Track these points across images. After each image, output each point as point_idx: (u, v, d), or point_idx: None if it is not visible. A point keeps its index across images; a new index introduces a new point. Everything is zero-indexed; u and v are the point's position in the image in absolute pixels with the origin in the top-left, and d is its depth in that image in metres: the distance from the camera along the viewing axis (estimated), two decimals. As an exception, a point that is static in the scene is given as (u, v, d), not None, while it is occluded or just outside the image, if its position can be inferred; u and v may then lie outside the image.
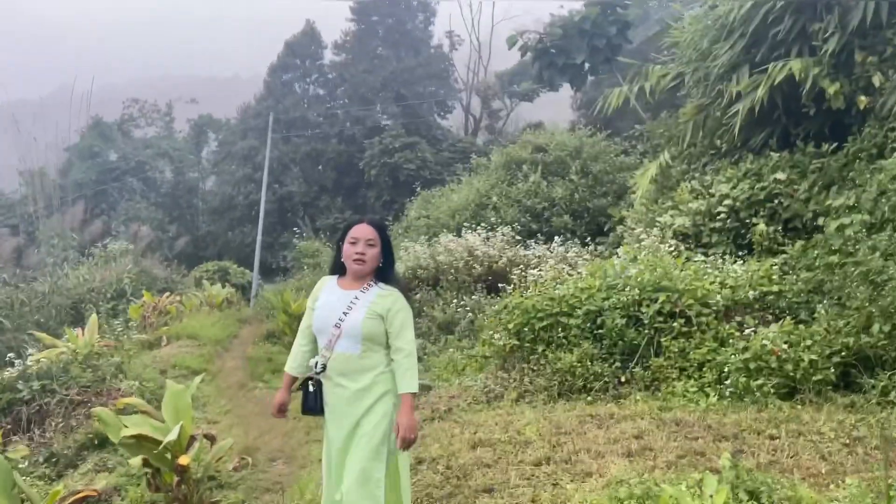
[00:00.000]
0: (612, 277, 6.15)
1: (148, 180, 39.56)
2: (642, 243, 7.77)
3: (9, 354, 8.93)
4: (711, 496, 2.94)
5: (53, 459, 6.43)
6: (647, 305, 5.66)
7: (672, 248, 7.03)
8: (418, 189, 21.31)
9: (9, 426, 7.28)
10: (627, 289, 5.86)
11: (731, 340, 5.35)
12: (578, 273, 7.98)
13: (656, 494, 3.05)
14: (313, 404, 3.20)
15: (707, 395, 4.97)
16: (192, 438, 5.02)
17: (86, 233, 21.27)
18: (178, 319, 12.43)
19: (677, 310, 5.59)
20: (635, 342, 5.58)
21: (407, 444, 3.02)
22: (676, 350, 5.37)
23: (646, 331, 5.57)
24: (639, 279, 5.88)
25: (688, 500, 2.87)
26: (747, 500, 3.05)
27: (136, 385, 7.89)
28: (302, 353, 3.34)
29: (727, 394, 4.94)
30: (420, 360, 9.26)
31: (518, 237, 12.26)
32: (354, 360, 3.08)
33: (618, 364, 5.49)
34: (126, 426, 4.77)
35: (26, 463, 6.13)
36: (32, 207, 34.33)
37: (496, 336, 6.12)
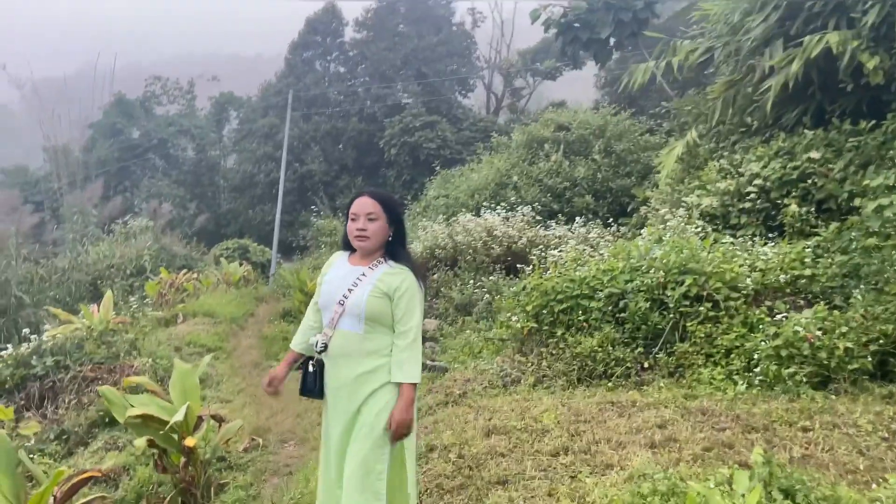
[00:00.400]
0: (635, 259, 5.89)
1: (170, 157, 39.73)
2: (667, 224, 7.49)
3: (24, 330, 8.88)
4: (743, 495, 2.72)
5: (64, 437, 6.37)
6: (673, 288, 5.40)
7: (699, 229, 6.73)
8: (438, 168, 21.05)
9: (22, 402, 7.25)
10: (652, 271, 5.60)
11: (760, 326, 5.09)
12: (600, 254, 7.74)
13: (682, 491, 2.84)
14: (312, 386, 3.01)
15: (735, 384, 4.73)
16: (200, 419, 4.90)
17: (106, 209, 21.35)
18: (195, 297, 12.36)
19: (704, 293, 5.33)
20: (659, 327, 5.34)
21: (397, 439, 2.82)
22: (703, 335, 5.12)
23: (670, 315, 5.33)
24: (664, 261, 5.62)
25: (717, 500, 2.66)
26: (782, 500, 2.82)
27: (148, 362, 7.81)
28: (308, 329, 3.16)
29: (756, 382, 4.69)
30: (436, 341, 9.13)
31: (538, 217, 12.01)
32: (357, 340, 2.87)
33: (641, 349, 5.25)
34: (132, 405, 4.66)
35: (32, 441, 6.05)
36: (57, 184, 34.60)
37: (514, 318, 5.90)
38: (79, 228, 18.83)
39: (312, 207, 27.29)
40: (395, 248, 2.95)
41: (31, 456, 5.62)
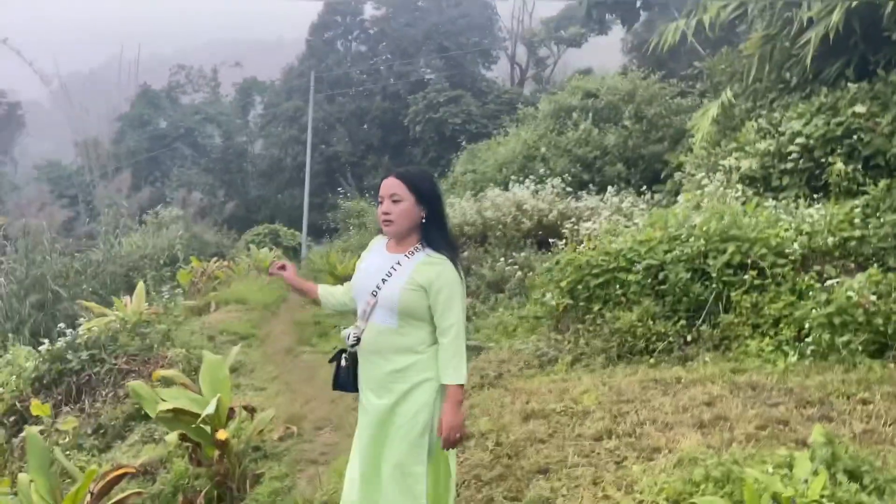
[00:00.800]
0: (673, 228, 5.63)
1: (198, 146, 39.99)
2: (705, 189, 7.18)
3: (60, 324, 8.95)
4: (806, 481, 2.51)
5: (101, 431, 6.39)
6: (715, 257, 5.15)
7: (739, 194, 6.42)
8: (464, 143, 20.76)
9: (60, 397, 7.30)
10: (692, 239, 5.34)
11: (810, 293, 4.81)
12: (635, 224, 7.47)
13: (738, 477, 2.64)
14: (345, 381, 2.83)
15: (785, 355, 4.49)
16: (232, 410, 4.82)
17: (138, 200, 21.55)
18: (227, 284, 12.38)
19: (749, 261, 5.07)
20: (702, 298, 5.09)
21: (450, 444, 2.62)
22: (749, 305, 4.87)
23: (713, 285, 5.08)
24: (704, 229, 5.35)
25: (778, 486, 2.45)
26: (847, 483, 2.60)
27: (182, 352, 7.80)
28: (339, 291, 3.01)
29: (808, 352, 4.44)
30: (469, 320, 8.96)
31: (569, 189, 11.71)
32: (390, 335, 2.65)
33: (683, 322, 5.02)
34: (163, 399, 4.60)
35: (67, 438, 6.06)
36: (89, 177, 35.18)
37: (548, 295, 5.70)
38: (111, 221, 19.02)
39: (339, 189, 27.24)
40: (431, 233, 2.67)
41: (68, 452, 5.63)
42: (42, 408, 6.33)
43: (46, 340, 8.55)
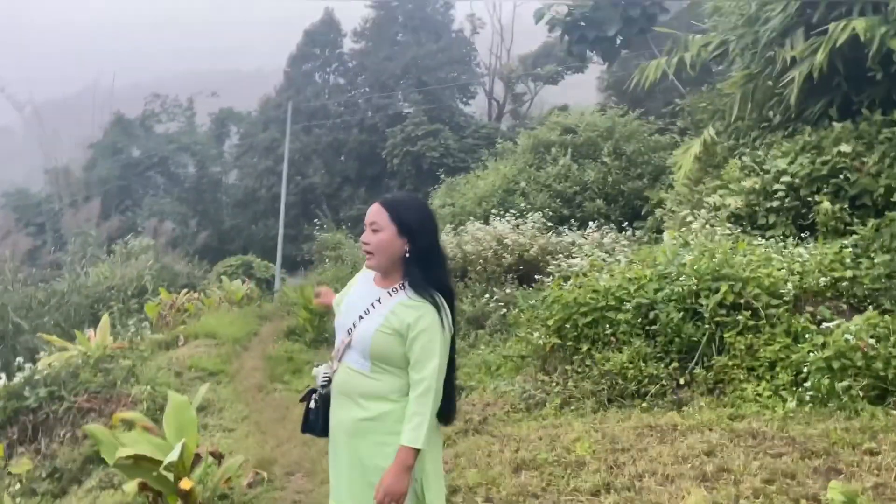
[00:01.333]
0: (662, 265, 5.47)
1: (171, 175, 39.48)
2: (691, 226, 7.07)
3: (18, 359, 8.49)
4: (832, 548, 2.29)
5: (57, 474, 5.97)
6: (707, 296, 4.98)
7: (728, 232, 6.31)
8: (442, 177, 20.67)
9: (14, 436, 6.86)
10: (682, 278, 5.18)
11: (806, 335, 4.66)
12: (617, 260, 7.32)
13: (756, 542, 2.41)
14: (314, 423, 2.56)
15: (783, 400, 4.30)
16: (198, 457, 4.48)
17: (108, 229, 21.02)
18: (197, 317, 11.96)
19: (742, 301, 4.90)
20: (694, 339, 4.90)
21: None
22: (743, 347, 4.69)
23: (706, 325, 4.89)
24: (695, 267, 5.19)
25: (803, 555, 2.22)
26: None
27: (147, 390, 7.38)
28: None
29: (807, 398, 4.26)
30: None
31: (549, 223, 11.59)
32: (362, 378, 2.38)
33: (675, 364, 4.82)
34: (123, 444, 4.26)
35: (20, 482, 5.65)
36: (58, 205, 34.42)
37: (535, 334, 5.47)
38: (78, 250, 18.49)
39: (315, 221, 26.94)
40: (413, 271, 2.39)
41: (19, 500, 5.22)
42: (-7, 450, 5.91)
43: (3, 375, 8.11)
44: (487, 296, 9.61)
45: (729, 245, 5.39)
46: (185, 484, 4.03)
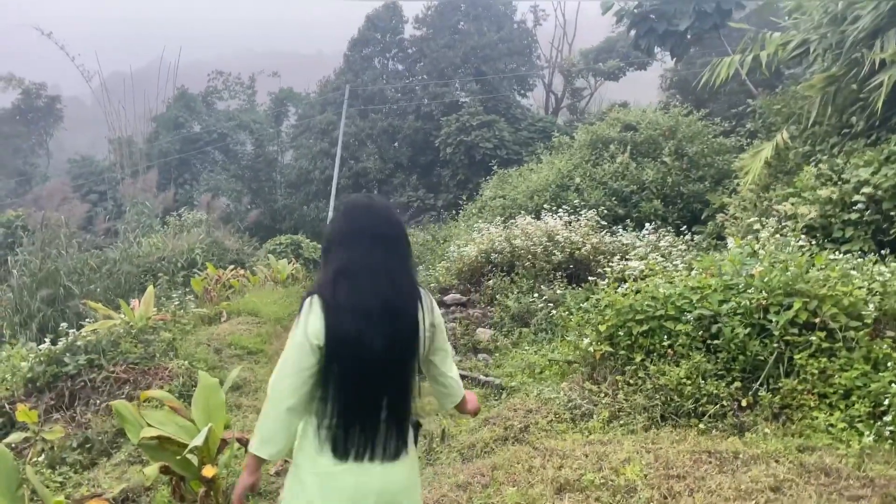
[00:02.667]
0: (729, 275, 5.06)
1: (229, 152, 40.07)
2: (759, 235, 6.60)
3: (63, 324, 8.55)
4: None
5: (88, 445, 5.92)
6: (777, 312, 4.56)
7: (802, 243, 5.83)
8: (495, 168, 20.31)
9: (52, 402, 6.87)
10: (750, 291, 4.77)
11: (888, 363, 4.21)
12: (674, 265, 6.90)
13: None
14: None
15: (860, 434, 3.88)
16: (224, 442, 4.32)
17: (162, 200, 21.33)
18: (241, 294, 11.95)
19: (816, 320, 4.48)
20: (760, 358, 4.50)
21: None
22: (815, 371, 4.27)
23: (774, 344, 4.49)
24: (765, 280, 4.78)
25: None
26: None
27: (184, 365, 7.34)
28: None
29: (887, 433, 3.83)
30: (490, 353, 8.43)
31: (603, 222, 11.17)
32: None
33: (738, 384, 4.42)
34: (149, 423, 4.11)
35: (54, 448, 5.59)
36: (119, 174, 35.32)
37: (584, 339, 5.14)
38: (134, 219, 18.80)
39: (366, 205, 26.89)
40: None
41: (43, 471, 5.16)
42: (29, 414, 5.88)
43: (48, 338, 8.17)
44: (532, 292, 9.30)
45: (805, 258, 4.94)
46: (209, 471, 3.86)
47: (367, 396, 2.13)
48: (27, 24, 36.02)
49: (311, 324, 2.10)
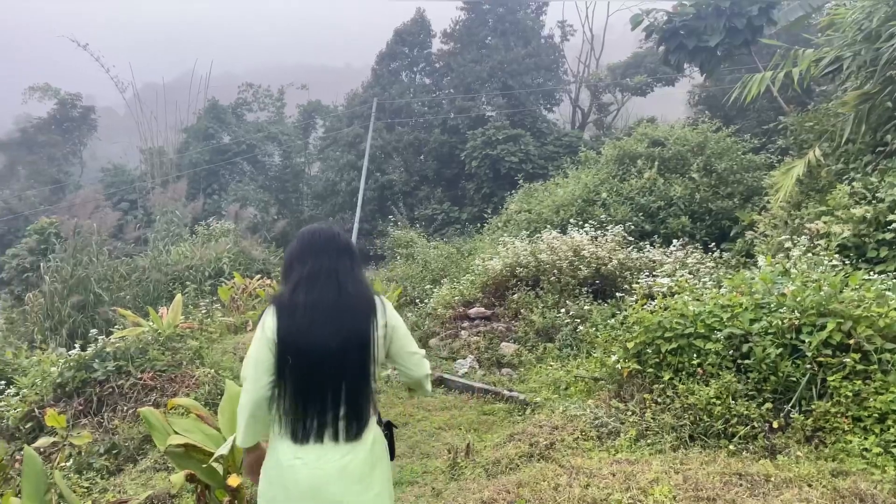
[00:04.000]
0: (760, 294, 4.98)
1: (257, 163, 40.59)
2: (790, 253, 6.50)
3: (92, 331, 8.68)
4: None
5: (115, 451, 6.00)
6: (810, 333, 4.48)
7: (832, 261, 5.73)
8: (520, 182, 20.29)
9: (80, 407, 6.97)
10: (783, 310, 4.68)
11: (925, 387, 4.10)
12: (703, 283, 6.81)
13: None
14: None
15: (895, 459, 3.78)
16: (249, 451, 4.34)
17: (191, 210, 21.63)
18: (267, 304, 12.03)
19: (851, 341, 4.38)
20: (792, 379, 4.41)
21: None
22: (849, 393, 4.17)
23: (806, 365, 4.40)
24: (797, 299, 4.69)
25: None
26: None
27: (210, 373, 7.41)
28: None
29: (925, 460, 3.73)
30: (514, 367, 8.38)
31: (630, 238, 11.08)
32: None
33: (769, 405, 4.34)
34: (175, 431, 4.15)
35: (69, 460, 5.65)
36: (150, 184, 35.94)
37: (612, 356, 5.08)
38: (163, 228, 19.07)
39: (390, 217, 27.05)
40: None
41: (70, 476, 5.23)
42: (57, 419, 5.97)
43: (78, 344, 8.30)
44: (557, 307, 9.24)
45: (839, 278, 4.85)
46: (234, 480, 3.87)
47: (318, 384, 2.31)
48: (64, 36, 36.87)
49: (267, 323, 2.39)
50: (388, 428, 2.60)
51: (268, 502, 2.39)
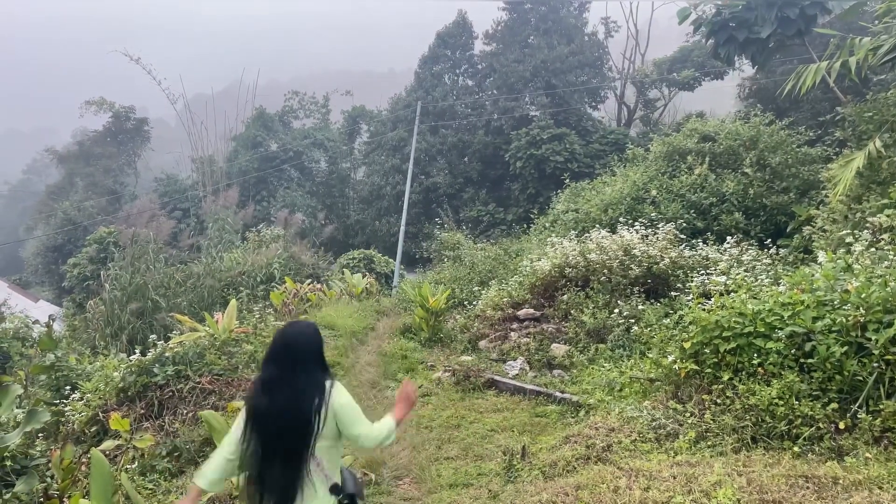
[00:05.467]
0: (823, 291, 4.82)
1: (304, 169, 41.24)
2: (852, 248, 6.29)
3: (151, 336, 8.94)
4: None
5: (176, 453, 6.16)
6: (876, 330, 4.32)
7: (899, 256, 5.51)
8: (566, 181, 20.11)
9: (142, 410, 7.18)
10: (847, 307, 4.53)
11: None
12: (759, 280, 6.63)
13: None
14: None
15: (973, 462, 3.61)
16: (307, 454, 4.40)
17: (242, 217, 22.10)
18: (318, 308, 12.22)
19: (920, 339, 4.21)
20: (859, 378, 4.27)
21: None
22: (921, 393, 4.01)
23: (874, 363, 4.24)
24: (862, 296, 4.53)
25: None
26: None
27: (265, 377, 7.55)
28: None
29: None
30: (565, 369, 8.31)
31: (682, 236, 10.87)
32: None
33: (834, 405, 4.20)
34: (235, 434, 4.23)
35: (133, 463, 5.81)
36: (201, 192, 36.89)
37: (668, 357, 4.99)
38: (215, 235, 19.53)
39: (436, 220, 27.16)
40: None
41: (134, 478, 5.38)
42: (121, 422, 6.17)
43: (138, 350, 8.56)
44: (609, 307, 9.12)
45: (906, 273, 4.67)
46: (293, 482, 3.93)
47: (269, 450, 2.88)
48: (116, 50, 38.07)
49: (241, 413, 3.03)
50: (336, 491, 2.97)
51: None
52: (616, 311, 8.82)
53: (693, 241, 10.92)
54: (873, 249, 6.25)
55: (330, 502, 2.91)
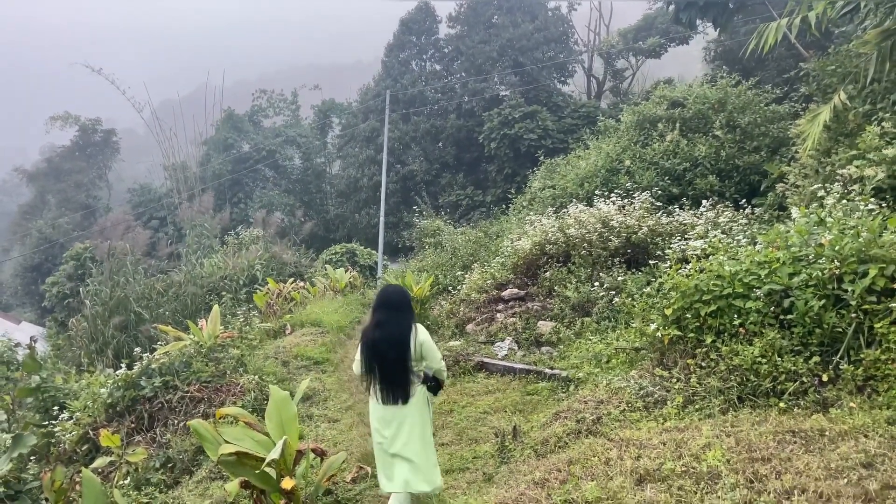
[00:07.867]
0: (797, 247, 4.87)
1: (278, 167, 40.90)
2: (824, 202, 6.34)
3: (136, 349, 8.85)
4: None
5: (170, 464, 6.12)
6: (852, 281, 4.37)
7: (871, 206, 5.57)
8: (541, 158, 20.13)
9: (132, 425, 7.12)
10: (821, 261, 4.58)
11: (977, 326, 3.98)
12: (737, 241, 6.69)
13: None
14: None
15: (953, 402, 3.67)
16: (300, 453, 4.39)
17: (219, 221, 21.90)
18: (303, 306, 12.16)
19: (895, 286, 4.26)
20: (838, 329, 4.32)
21: None
22: (898, 339, 4.07)
23: (852, 314, 4.30)
24: (836, 248, 4.58)
25: None
26: None
27: (254, 380, 7.51)
28: None
29: (984, 400, 3.62)
30: (553, 345, 8.35)
31: (658, 203, 10.93)
32: None
33: (816, 358, 4.25)
34: (226, 441, 4.21)
35: (127, 478, 5.77)
36: (176, 199, 36.47)
37: (651, 325, 5.02)
38: (194, 242, 19.34)
39: (415, 208, 27.10)
40: None
41: (129, 493, 5.35)
42: (112, 438, 6.11)
43: (124, 364, 8.47)
44: (591, 280, 9.16)
45: (877, 222, 4.72)
46: (287, 483, 3.92)
47: (386, 372, 4.23)
48: (78, 63, 37.38)
49: (360, 344, 4.40)
50: (427, 381, 4.38)
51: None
52: (598, 283, 8.87)
53: (669, 207, 10.99)
54: (845, 201, 6.31)
55: (422, 388, 4.30)
